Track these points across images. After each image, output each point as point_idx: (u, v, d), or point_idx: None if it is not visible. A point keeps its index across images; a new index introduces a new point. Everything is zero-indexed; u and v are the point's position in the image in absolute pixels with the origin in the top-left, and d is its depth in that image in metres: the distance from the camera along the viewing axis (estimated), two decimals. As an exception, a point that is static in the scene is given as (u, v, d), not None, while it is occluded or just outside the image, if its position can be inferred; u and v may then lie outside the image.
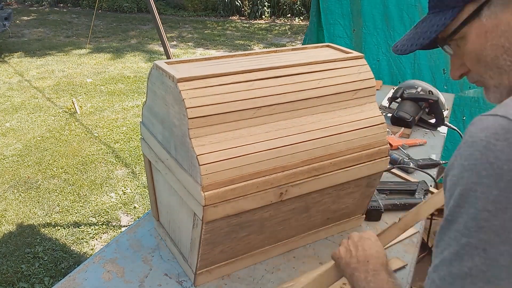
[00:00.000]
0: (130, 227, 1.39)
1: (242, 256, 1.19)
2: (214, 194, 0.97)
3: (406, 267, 1.22)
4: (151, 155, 1.22)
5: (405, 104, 2.06)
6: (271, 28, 9.88)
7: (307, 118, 1.12)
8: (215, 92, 1.00)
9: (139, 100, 5.65)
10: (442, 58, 2.82)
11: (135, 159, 4.15)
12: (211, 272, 1.16)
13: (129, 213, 3.37)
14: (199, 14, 11.18)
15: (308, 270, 1.21)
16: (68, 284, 1.15)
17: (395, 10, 2.88)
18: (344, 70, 1.20)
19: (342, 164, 1.16)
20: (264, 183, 1.04)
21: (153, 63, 1.10)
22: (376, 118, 1.21)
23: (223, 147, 0.99)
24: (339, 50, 1.31)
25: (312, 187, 1.13)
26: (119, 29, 9.56)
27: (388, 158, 1.25)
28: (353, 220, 1.38)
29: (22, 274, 2.71)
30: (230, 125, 1.01)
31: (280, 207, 1.13)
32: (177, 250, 1.22)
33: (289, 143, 1.07)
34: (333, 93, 1.16)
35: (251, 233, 1.13)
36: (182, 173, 1.03)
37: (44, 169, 3.95)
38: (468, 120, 2.86)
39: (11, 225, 3.20)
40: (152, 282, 1.16)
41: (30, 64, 7.13)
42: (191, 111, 0.96)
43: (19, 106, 5.40)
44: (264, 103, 1.05)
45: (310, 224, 1.27)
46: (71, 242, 3.01)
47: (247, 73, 1.07)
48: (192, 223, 1.06)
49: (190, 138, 0.96)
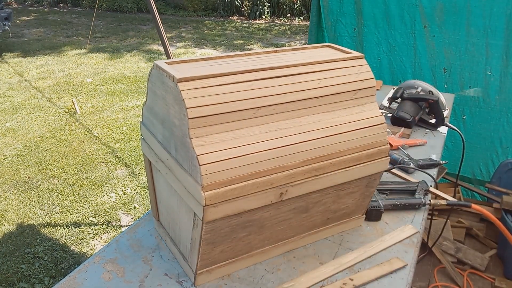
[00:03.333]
0: (130, 227, 1.39)
1: (242, 256, 1.19)
2: (214, 194, 0.97)
3: (406, 267, 1.22)
4: (151, 155, 1.22)
5: (405, 104, 2.06)
6: (271, 28, 9.87)
7: (307, 118, 1.12)
8: (215, 92, 1.00)
9: (139, 100, 5.65)
10: (443, 57, 2.82)
11: (135, 159, 4.15)
12: (211, 272, 1.16)
13: (129, 213, 3.37)
14: (199, 14, 11.18)
15: (308, 270, 1.21)
16: (68, 284, 1.15)
17: (396, 9, 2.88)
18: (344, 70, 1.20)
19: (342, 164, 1.15)
20: (264, 183, 1.04)
21: (153, 63, 1.09)
22: (376, 118, 1.21)
23: (223, 147, 0.99)
24: (339, 50, 1.31)
25: (312, 187, 1.13)
26: (119, 29, 9.56)
27: (388, 158, 1.25)
28: (353, 220, 1.38)
29: (22, 274, 2.71)
30: (230, 125, 1.01)
31: (280, 207, 1.12)
32: (177, 250, 1.22)
33: (289, 143, 1.07)
34: (333, 93, 1.16)
35: (251, 233, 1.13)
36: (182, 173, 1.03)
37: (44, 169, 3.95)
38: (468, 120, 2.86)
39: (11, 225, 3.20)
40: (152, 282, 1.16)
41: (30, 64, 7.13)
42: (191, 111, 0.95)
43: (19, 106, 5.40)
44: (264, 103, 1.05)
45: (310, 224, 1.27)
46: (71, 242, 3.02)
47: (247, 73, 1.07)
48: (192, 223, 1.06)
49: (190, 138, 0.96)
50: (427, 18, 2.79)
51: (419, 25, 2.84)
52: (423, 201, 1.47)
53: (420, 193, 1.51)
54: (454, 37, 2.75)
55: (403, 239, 1.33)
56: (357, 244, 1.32)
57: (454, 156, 2.96)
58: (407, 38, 2.91)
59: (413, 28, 2.87)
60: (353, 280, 1.17)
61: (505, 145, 2.79)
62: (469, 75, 2.77)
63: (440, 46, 2.81)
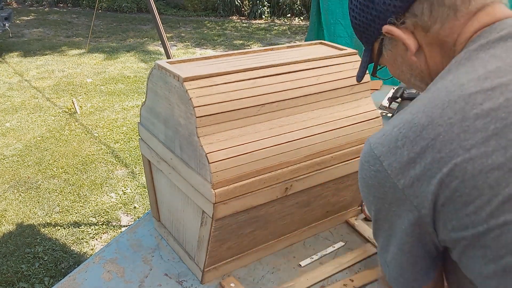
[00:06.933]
0: (130, 227, 1.39)
1: (247, 252, 1.21)
2: (223, 191, 0.98)
3: (407, 267, 1.22)
4: (151, 155, 1.22)
5: (405, 104, 2.06)
6: (271, 28, 9.88)
7: (308, 114, 1.14)
8: (220, 90, 1.01)
9: (139, 100, 5.65)
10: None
11: (135, 159, 4.15)
12: (218, 269, 1.16)
13: (129, 213, 3.37)
14: (199, 14, 11.18)
15: (308, 270, 1.21)
16: (68, 284, 1.15)
17: (395, 10, 2.88)
18: (341, 66, 1.23)
19: (342, 158, 1.18)
20: (270, 179, 1.05)
21: (155, 63, 1.10)
22: (372, 112, 1.25)
23: (230, 145, 1.00)
24: (332, 47, 1.34)
25: (315, 181, 1.16)
26: (119, 29, 9.57)
27: None
28: (350, 212, 1.42)
29: (22, 274, 2.71)
30: (235, 123, 1.02)
31: (284, 202, 1.14)
32: (181, 249, 1.22)
33: (292, 139, 1.09)
34: (331, 89, 1.18)
35: (256, 228, 1.15)
36: (189, 172, 1.03)
37: (44, 169, 3.95)
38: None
39: (11, 225, 3.19)
40: (152, 282, 1.16)
41: (30, 64, 7.13)
42: (198, 110, 0.96)
43: (19, 106, 5.40)
44: (267, 101, 1.06)
45: (311, 217, 1.29)
46: (71, 242, 3.01)
47: (249, 71, 1.08)
48: (200, 221, 1.06)
49: (198, 136, 0.97)
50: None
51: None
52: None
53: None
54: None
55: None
56: (357, 243, 1.32)
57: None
58: (407, 39, 2.91)
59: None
60: (353, 281, 1.17)
61: (505, 145, 2.79)
62: (469, 75, 2.77)
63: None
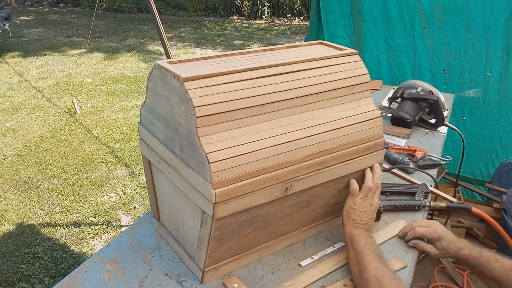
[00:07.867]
0: (130, 227, 1.39)
1: (247, 252, 1.21)
2: (224, 191, 0.98)
3: (406, 268, 1.22)
4: (151, 155, 1.22)
5: (405, 104, 2.06)
6: (270, 28, 9.88)
7: (308, 114, 1.14)
8: (220, 90, 1.01)
9: (139, 100, 5.65)
10: (442, 58, 2.82)
11: (135, 159, 4.15)
12: (218, 269, 1.16)
13: (129, 213, 3.37)
14: (199, 14, 11.19)
15: (308, 270, 1.21)
16: (68, 284, 1.15)
17: (395, 10, 2.88)
18: (341, 67, 1.23)
19: (342, 158, 1.18)
20: (270, 179, 1.05)
21: (155, 63, 1.10)
22: (372, 112, 1.25)
23: (230, 145, 1.00)
24: (331, 47, 1.34)
25: (315, 181, 1.16)
26: (119, 29, 9.57)
27: (384, 150, 1.28)
28: None
29: (22, 274, 2.71)
30: (236, 123, 1.02)
31: (284, 202, 1.14)
32: (181, 249, 1.22)
33: (292, 139, 1.09)
34: (331, 89, 1.18)
35: (256, 228, 1.15)
36: (189, 172, 1.03)
37: (44, 169, 3.95)
38: (468, 120, 2.86)
39: (11, 225, 3.20)
40: (152, 282, 1.16)
41: (30, 64, 7.13)
42: (199, 110, 0.96)
43: (19, 106, 5.40)
44: (268, 100, 1.06)
45: (311, 217, 1.29)
46: (71, 242, 3.02)
47: (249, 71, 1.08)
48: (200, 221, 1.06)
49: (199, 136, 0.97)
50: (427, 19, 2.79)
51: (419, 26, 2.83)
52: (422, 203, 1.47)
53: (420, 195, 1.52)
54: (453, 38, 2.74)
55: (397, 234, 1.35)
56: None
57: (454, 156, 2.95)
58: (407, 39, 2.91)
59: (412, 29, 2.86)
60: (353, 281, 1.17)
61: (505, 145, 2.79)
62: (469, 76, 2.77)
63: (439, 47, 2.81)
